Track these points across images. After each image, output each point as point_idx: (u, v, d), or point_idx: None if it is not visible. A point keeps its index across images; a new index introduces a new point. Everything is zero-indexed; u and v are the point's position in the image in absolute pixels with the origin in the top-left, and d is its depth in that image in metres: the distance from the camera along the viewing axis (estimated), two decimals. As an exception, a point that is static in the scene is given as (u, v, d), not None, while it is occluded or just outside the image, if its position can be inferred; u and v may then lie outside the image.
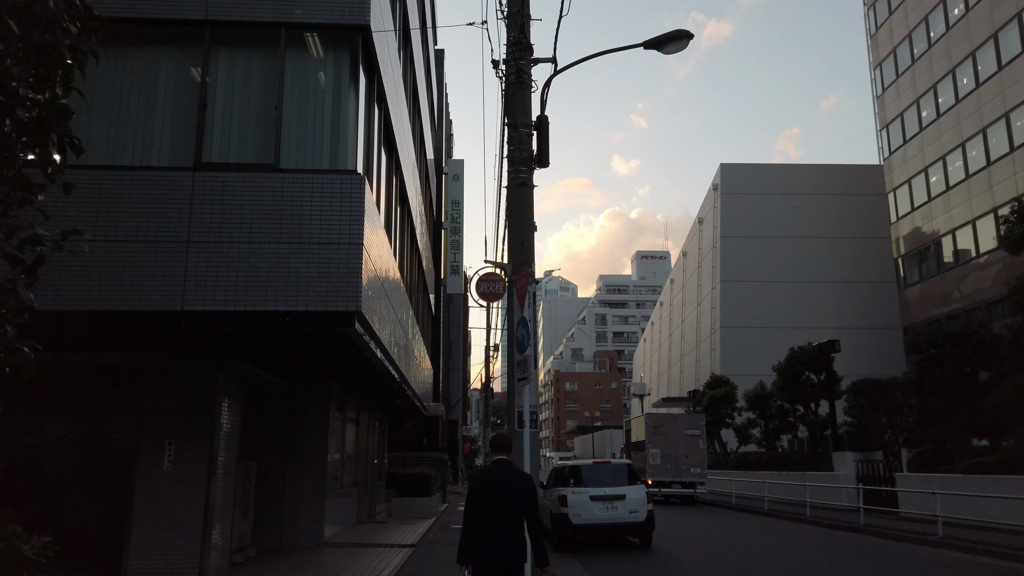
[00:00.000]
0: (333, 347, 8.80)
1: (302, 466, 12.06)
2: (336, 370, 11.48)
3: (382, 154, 10.51)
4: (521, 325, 7.49)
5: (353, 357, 9.53)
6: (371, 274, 8.45)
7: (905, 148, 40.46)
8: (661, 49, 8.33)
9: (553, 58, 8.50)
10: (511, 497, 5.04)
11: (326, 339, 8.44)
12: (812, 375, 24.77)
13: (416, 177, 17.19)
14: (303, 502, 11.95)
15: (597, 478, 12.75)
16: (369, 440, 17.60)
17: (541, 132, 8.27)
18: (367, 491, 16.95)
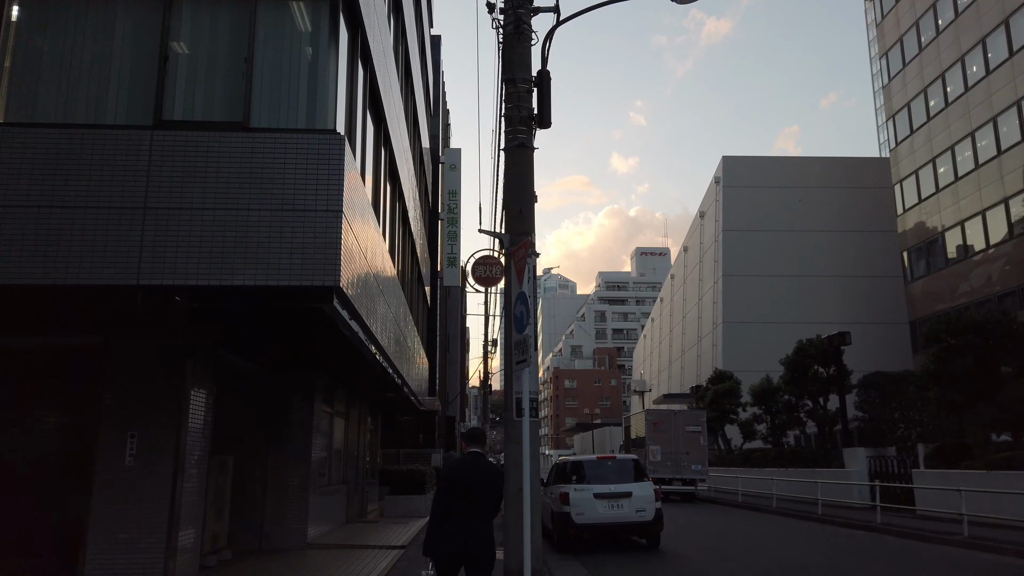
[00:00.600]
0: (310, 328, 7.94)
1: (285, 462, 11.21)
2: (321, 358, 10.63)
3: (368, 121, 9.64)
4: (520, 301, 6.63)
5: (335, 341, 8.67)
6: (353, 247, 7.60)
7: (912, 138, 39.62)
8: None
9: (556, 7, 7.64)
10: (482, 489, 5.04)
11: (302, 319, 7.58)
12: (821, 368, 23.95)
13: (409, 159, 16.33)
14: (286, 500, 11.11)
15: (601, 474, 11.91)
16: (360, 435, 16.76)
17: (542, 89, 7.42)
18: (357, 489, 16.11)
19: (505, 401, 7.09)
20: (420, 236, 20.49)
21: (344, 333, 7.79)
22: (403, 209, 14.35)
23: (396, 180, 13.12)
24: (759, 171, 53.08)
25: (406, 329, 15.16)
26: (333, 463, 13.76)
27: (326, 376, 12.23)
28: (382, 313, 10.51)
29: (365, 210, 8.78)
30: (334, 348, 9.29)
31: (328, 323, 7.52)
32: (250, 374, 10.98)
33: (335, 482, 13.91)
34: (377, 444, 20.27)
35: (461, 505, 4.97)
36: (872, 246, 49.53)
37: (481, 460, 5.26)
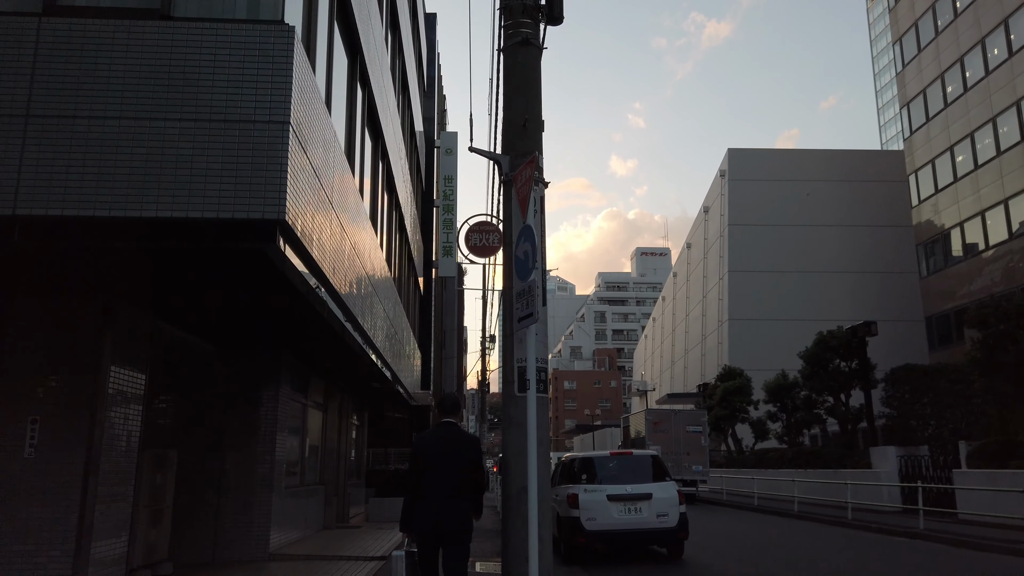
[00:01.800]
0: (254, 283, 6.24)
1: (244, 458, 9.51)
2: (283, 333, 8.92)
3: (335, 33, 7.95)
4: (523, 238, 4.95)
5: (293, 306, 6.97)
6: (306, 173, 5.91)
7: (928, 126, 37.99)
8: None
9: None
10: (454, 461, 4.85)
11: (240, 268, 5.89)
12: (843, 362, 22.26)
13: (397, 122, 14.66)
14: (244, 503, 9.40)
15: (615, 473, 10.22)
16: (343, 431, 15.06)
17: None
18: (338, 490, 14.41)
19: (503, 370, 5.41)
20: (412, 219, 18.82)
21: (298, 288, 6.09)
22: (388, 169, 12.65)
23: (378, 133, 11.43)
24: (765, 164, 51.48)
25: (393, 314, 13.49)
26: (307, 461, 12.06)
27: (294, 359, 10.53)
28: (359, 281, 8.83)
29: (329, 140, 7.09)
30: (293, 316, 7.59)
31: (275, 275, 5.83)
32: (201, 353, 9.28)
33: (310, 482, 12.21)
34: (364, 442, 18.56)
35: (432, 479, 4.79)
36: (883, 241, 47.94)
37: (452, 430, 5.03)
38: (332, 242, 7.04)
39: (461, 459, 4.90)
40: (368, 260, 9.90)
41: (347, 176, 8.26)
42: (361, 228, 9.23)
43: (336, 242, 7.25)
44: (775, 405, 26.02)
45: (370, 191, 10.83)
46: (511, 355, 5.24)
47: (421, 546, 4.84)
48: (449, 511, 4.76)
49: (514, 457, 5.17)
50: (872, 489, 18.60)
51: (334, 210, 7.20)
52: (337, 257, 7.29)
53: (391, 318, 13.30)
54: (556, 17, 5.71)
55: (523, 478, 4.88)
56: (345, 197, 8.00)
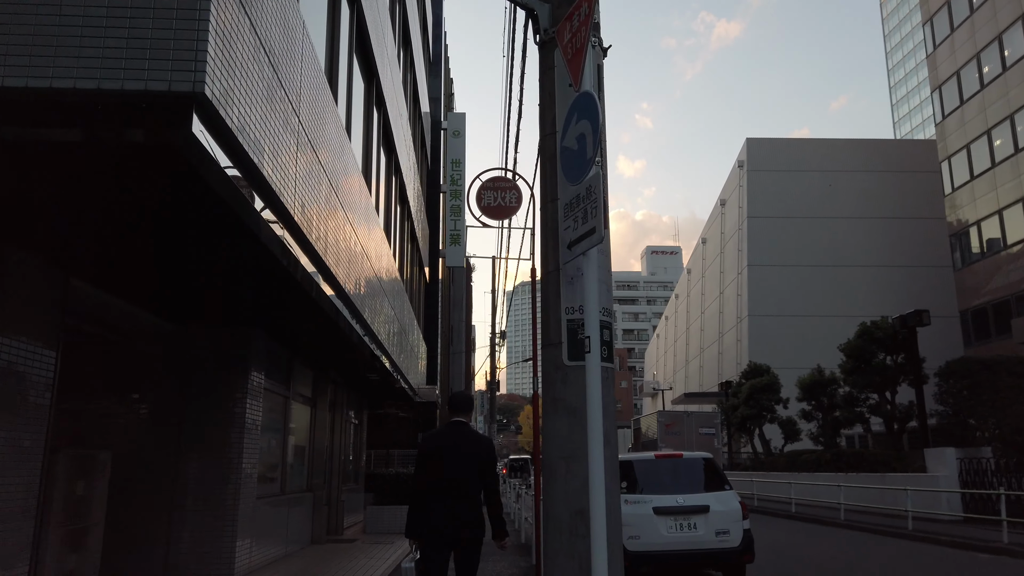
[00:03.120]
0: (175, 203, 4.37)
1: (203, 460, 7.66)
2: (246, 299, 7.06)
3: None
4: (577, 115, 3.09)
5: (234, 241, 5.10)
6: (249, 45, 4.05)
7: (962, 110, 35.92)
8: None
9: None
10: (465, 463, 4.52)
11: (144, 173, 4.01)
12: (888, 356, 20.27)
13: (398, 81, 12.82)
14: (204, 516, 7.56)
15: (662, 480, 8.32)
16: (337, 431, 13.23)
17: None
18: (330, 498, 12.57)
19: (543, 328, 3.51)
20: (415, 191, 16.97)
21: (234, 209, 4.22)
22: (385, 120, 10.78)
23: (373, 71, 9.57)
24: (785, 154, 49.45)
25: (394, 296, 11.66)
26: (291, 464, 10.22)
27: (270, 340, 8.67)
28: (344, 238, 6.99)
29: (292, 26, 5.23)
30: (248, 269, 5.72)
31: (198, 189, 3.96)
32: (147, 330, 7.43)
33: (294, 489, 10.37)
34: (363, 442, 16.71)
35: (442, 481, 4.46)
36: (911, 233, 45.85)
37: (463, 429, 4.68)
38: (298, 165, 5.18)
39: (473, 460, 4.56)
40: (359, 216, 8.06)
41: (325, 97, 6.41)
42: (347, 172, 7.38)
43: (306, 168, 5.40)
44: (809, 403, 24.00)
45: (362, 137, 8.99)
46: (555, 302, 3.35)
47: (430, 552, 4.48)
48: (461, 515, 4.46)
49: (562, 460, 3.29)
50: (927, 496, 16.62)
51: (302, 127, 5.35)
52: (307, 190, 5.44)
53: (390, 298, 11.47)
54: None
55: (578, 496, 2.99)
56: (322, 121, 6.16)
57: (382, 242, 10.75)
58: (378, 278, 10.62)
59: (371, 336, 10.05)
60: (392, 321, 12.33)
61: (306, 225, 5.41)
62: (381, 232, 10.83)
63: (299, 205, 5.18)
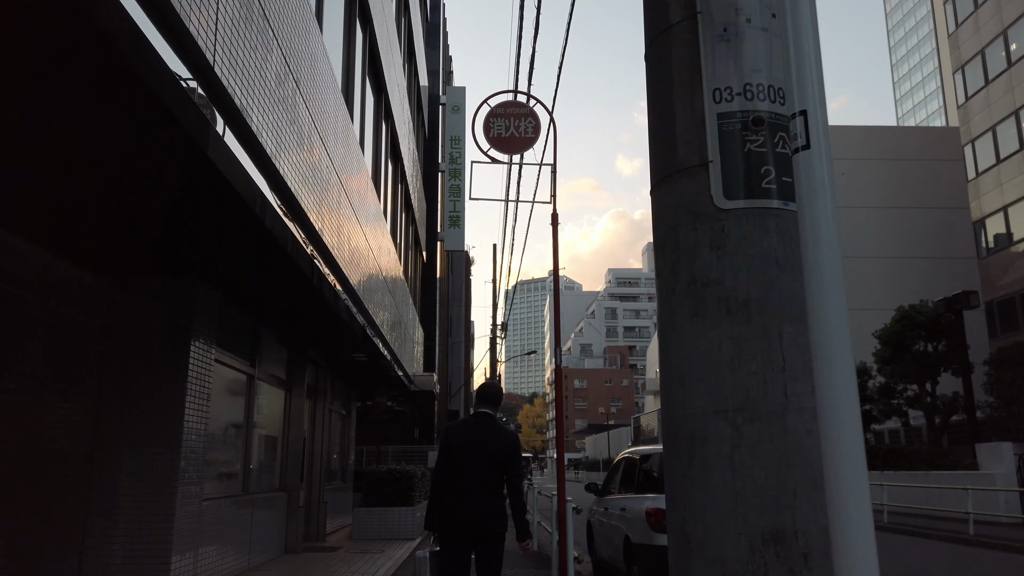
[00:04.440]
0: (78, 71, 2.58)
1: (127, 450, 5.86)
2: (185, 234, 5.27)
3: None
4: None
5: (166, 137, 3.30)
6: None
7: (987, 90, 34.21)
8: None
9: None
10: (486, 455, 4.30)
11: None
12: (929, 344, 18.51)
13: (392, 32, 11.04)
14: (128, 520, 5.77)
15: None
16: (319, 420, 11.45)
17: None
18: (310, 498, 10.79)
19: (650, 137, 1.67)
20: (410, 154, 15.18)
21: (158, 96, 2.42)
22: (371, 41, 8.97)
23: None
24: (797, 141, 47.60)
25: (387, 267, 9.89)
26: (257, 458, 8.43)
27: (226, 302, 6.87)
28: (323, 180, 5.22)
29: None
30: (185, 194, 3.94)
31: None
32: (50, 278, 5.62)
33: (261, 488, 8.58)
34: (351, 436, 14.92)
35: (464, 474, 4.25)
36: (928, 222, 44.12)
37: (487, 421, 4.42)
38: (255, 60, 3.40)
39: (495, 454, 4.32)
40: (340, 148, 6.28)
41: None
42: (324, 99, 5.60)
43: (272, 70, 3.61)
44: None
45: (342, 68, 7.20)
46: (685, 82, 1.53)
47: (451, 547, 4.21)
48: (484, 509, 4.22)
49: (721, 421, 1.46)
50: (983, 496, 14.86)
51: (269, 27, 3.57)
52: (275, 100, 3.65)
53: (381, 267, 9.71)
54: None
55: (768, 497, 1.17)
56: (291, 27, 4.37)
57: (370, 191, 8.98)
58: (369, 243, 8.86)
59: (362, 311, 8.30)
60: (385, 296, 10.57)
61: (272, 146, 3.65)
62: (369, 180, 9.05)
63: (254, 103, 3.40)
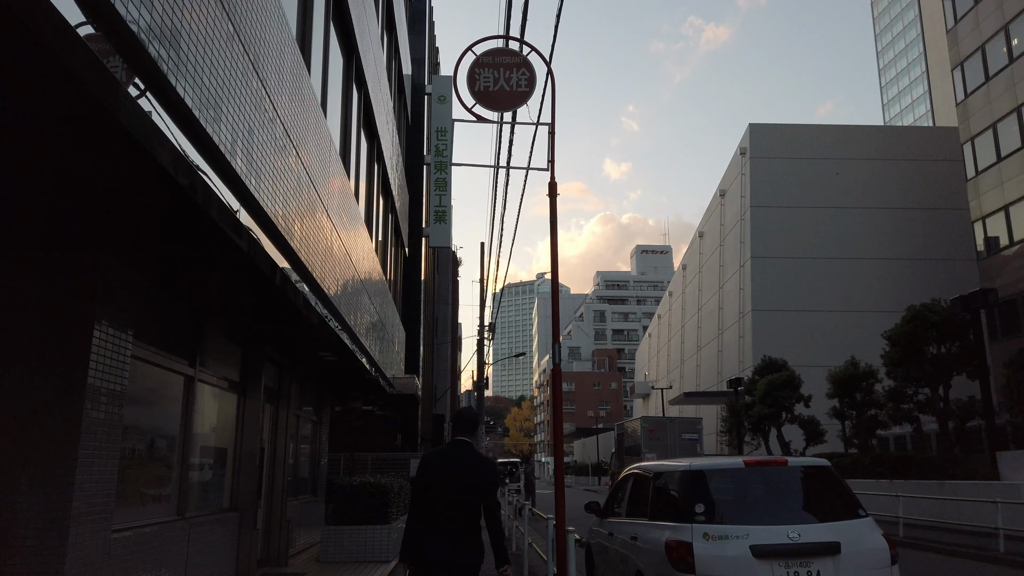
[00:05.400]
0: None
1: (15, 465, 4.57)
2: (82, 197, 4.00)
3: None
4: None
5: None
6: None
7: (988, 87, 33.35)
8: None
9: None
10: (464, 486, 4.22)
11: None
12: (942, 345, 17.44)
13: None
14: (13, 549, 4.48)
15: (759, 501, 5.34)
16: (282, 427, 10.16)
17: None
18: (270, 517, 9.49)
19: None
20: (391, 140, 13.91)
21: None
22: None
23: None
24: (791, 141, 46.81)
25: (364, 258, 8.64)
26: (199, 473, 7.14)
27: (137, 277, 5.57)
28: (272, 148, 3.96)
29: None
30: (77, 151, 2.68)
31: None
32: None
33: (206, 509, 7.28)
34: (324, 444, 13.62)
35: (440, 505, 4.18)
36: (925, 223, 43.32)
37: (464, 450, 4.33)
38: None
39: (472, 485, 4.21)
40: (293, 110, 5.04)
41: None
42: (266, 29, 4.35)
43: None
44: (841, 400, 21.13)
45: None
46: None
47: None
48: (456, 543, 4.13)
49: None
50: (1009, 510, 13.75)
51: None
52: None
53: (351, 255, 8.46)
54: None
55: None
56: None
57: (335, 164, 7.72)
58: (335, 225, 7.61)
59: (323, 301, 7.05)
60: (357, 288, 9.32)
61: (197, 101, 2.43)
62: (335, 152, 7.79)
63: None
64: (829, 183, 45.12)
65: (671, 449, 27.69)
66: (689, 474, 5.47)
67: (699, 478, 5.42)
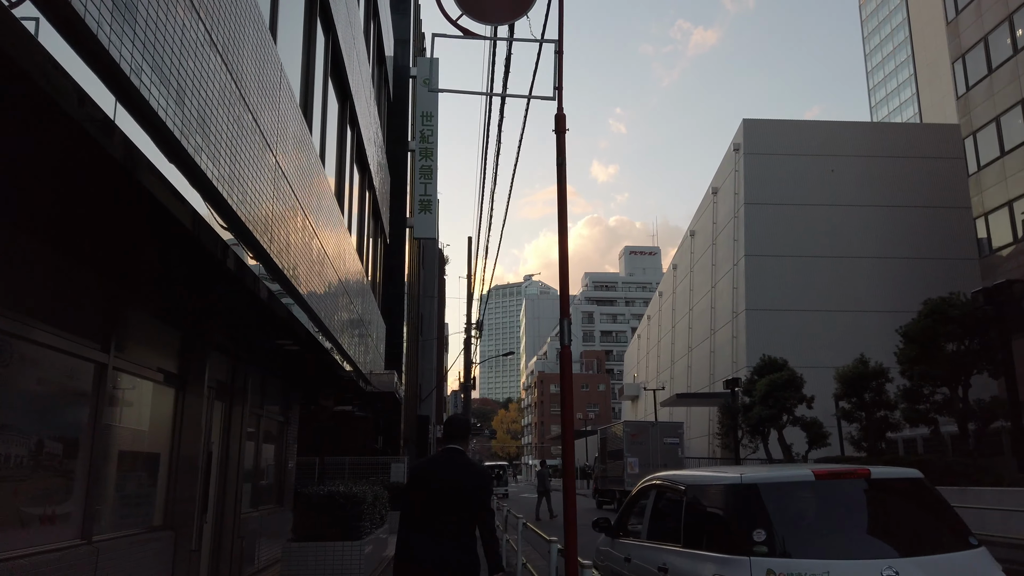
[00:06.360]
0: None
1: None
2: None
3: None
4: None
5: None
6: None
7: (991, 79, 32.41)
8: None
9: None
10: (456, 494, 4.14)
11: None
12: (963, 342, 16.28)
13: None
14: None
15: (839, 525, 4.05)
16: (238, 429, 8.77)
17: None
18: (220, 534, 8.10)
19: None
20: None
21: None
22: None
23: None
24: (786, 137, 45.81)
25: (331, 237, 7.30)
26: (110, 484, 5.75)
27: (9, 235, 4.20)
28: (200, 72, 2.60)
29: None
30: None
31: None
32: None
33: (124, 527, 5.90)
34: (291, 447, 12.22)
35: (431, 515, 4.09)
36: (924, 221, 42.39)
37: (456, 459, 4.27)
38: None
39: (463, 495, 4.13)
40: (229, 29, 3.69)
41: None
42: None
43: None
44: (850, 400, 19.94)
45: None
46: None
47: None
48: (452, 554, 4.03)
49: None
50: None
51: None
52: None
53: (317, 230, 7.12)
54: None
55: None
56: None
57: (293, 111, 6.37)
58: (293, 189, 6.26)
59: (276, 274, 5.71)
60: (324, 267, 7.97)
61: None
62: (294, 103, 6.44)
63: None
64: (824, 180, 44.16)
65: (653, 453, 27.85)
66: (740, 489, 4.15)
67: (754, 495, 4.10)
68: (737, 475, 4.27)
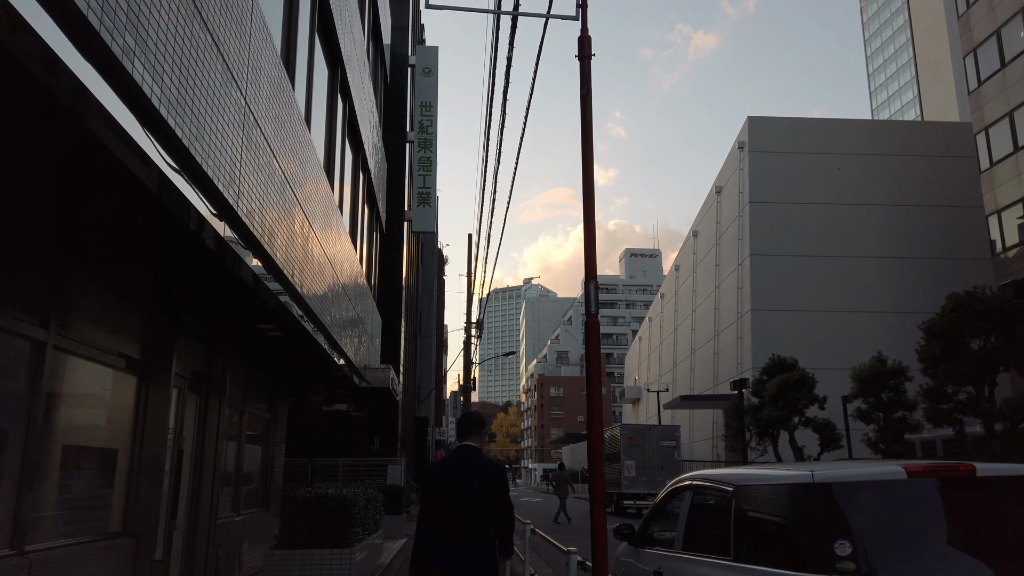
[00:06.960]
0: None
1: None
2: None
3: None
4: None
5: None
6: None
7: (1004, 73, 31.66)
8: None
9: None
10: (474, 492, 4.12)
11: None
12: (990, 339, 15.45)
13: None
14: None
15: (941, 535, 3.23)
16: (215, 425, 7.94)
17: None
18: (193, 542, 7.28)
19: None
20: (365, 90, 11.73)
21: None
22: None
23: None
24: (792, 134, 45.05)
25: (322, 206, 6.49)
26: (51, 486, 4.93)
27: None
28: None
29: None
30: None
31: None
32: None
33: (69, 535, 5.07)
34: (278, 446, 11.38)
35: (448, 515, 4.07)
36: (934, 220, 41.58)
37: (473, 455, 4.25)
38: None
39: (480, 493, 4.12)
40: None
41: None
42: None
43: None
44: (866, 400, 19.10)
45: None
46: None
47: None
48: (469, 553, 3.98)
49: None
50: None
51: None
52: None
53: (306, 210, 6.31)
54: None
55: None
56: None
57: (276, 66, 5.56)
58: (272, 151, 5.46)
59: (252, 245, 4.91)
60: (311, 244, 7.16)
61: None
62: (276, 54, 5.64)
63: None
64: (831, 178, 43.38)
65: (649, 456, 28.01)
66: (812, 490, 3.32)
67: (828, 497, 3.27)
68: (806, 472, 3.44)
